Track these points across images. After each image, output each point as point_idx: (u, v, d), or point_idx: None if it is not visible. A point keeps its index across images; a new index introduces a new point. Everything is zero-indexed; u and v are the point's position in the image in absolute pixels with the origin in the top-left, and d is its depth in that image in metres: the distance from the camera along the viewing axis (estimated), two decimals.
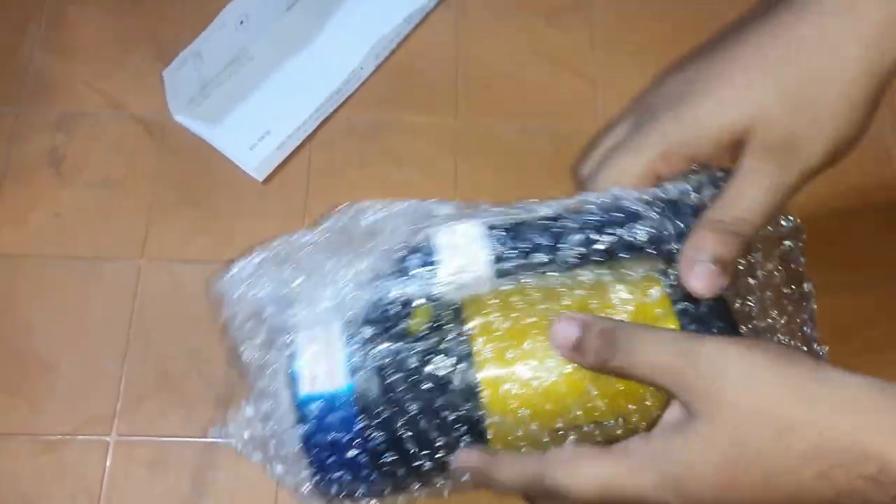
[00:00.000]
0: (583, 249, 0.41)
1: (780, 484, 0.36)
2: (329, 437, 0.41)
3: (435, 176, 0.62)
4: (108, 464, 0.53)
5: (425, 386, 0.41)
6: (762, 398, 0.37)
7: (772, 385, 0.37)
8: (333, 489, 0.42)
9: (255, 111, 0.62)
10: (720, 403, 0.37)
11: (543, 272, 0.41)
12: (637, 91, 0.65)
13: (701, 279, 0.41)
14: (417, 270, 0.41)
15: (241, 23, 0.61)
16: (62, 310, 0.57)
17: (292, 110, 0.62)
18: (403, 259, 0.42)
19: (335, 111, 0.63)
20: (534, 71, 0.66)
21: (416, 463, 0.41)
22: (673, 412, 0.39)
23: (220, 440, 0.53)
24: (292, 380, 0.42)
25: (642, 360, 0.39)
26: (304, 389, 0.41)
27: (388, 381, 0.40)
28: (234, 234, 0.59)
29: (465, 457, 0.42)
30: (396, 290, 0.41)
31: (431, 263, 0.41)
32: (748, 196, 0.42)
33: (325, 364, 0.41)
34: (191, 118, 0.62)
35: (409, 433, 0.41)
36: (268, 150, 0.61)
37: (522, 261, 0.41)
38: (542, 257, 0.41)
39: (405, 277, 0.41)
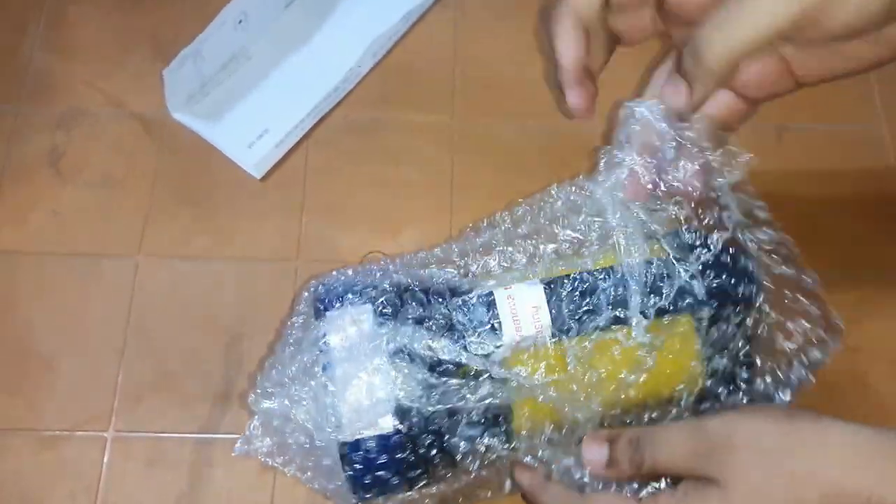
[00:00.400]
0: (620, 311, 0.45)
1: None
2: (373, 473, 0.44)
3: (432, 175, 0.62)
4: (106, 460, 0.53)
5: (464, 424, 0.44)
6: (770, 455, 0.39)
7: (778, 442, 0.39)
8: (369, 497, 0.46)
9: (253, 109, 0.63)
10: (733, 465, 0.40)
11: (587, 329, 0.45)
12: (634, 89, 0.65)
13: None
14: (479, 336, 0.45)
15: (240, 22, 0.61)
16: (61, 307, 0.57)
17: (290, 108, 0.62)
18: (460, 310, 0.45)
19: (333, 109, 0.63)
20: (532, 70, 0.66)
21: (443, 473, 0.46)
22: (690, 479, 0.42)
23: (217, 436, 0.53)
24: (337, 420, 0.44)
25: (667, 456, 0.42)
26: (347, 435, 0.44)
27: (431, 425, 0.44)
28: (232, 232, 0.60)
29: (521, 475, 0.47)
30: (452, 349, 0.44)
31: (492, 327, 0.45)
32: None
33: (371, 404, 0.44)
34: (189, 116, 0.62)
35: (442, 459, 0.45)
36: (266, 148, 0.61)
37: (572, 324, 0.45)
38: (587, 319, 0.45)
39: (464, 339, 0.44)
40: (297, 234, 0.60)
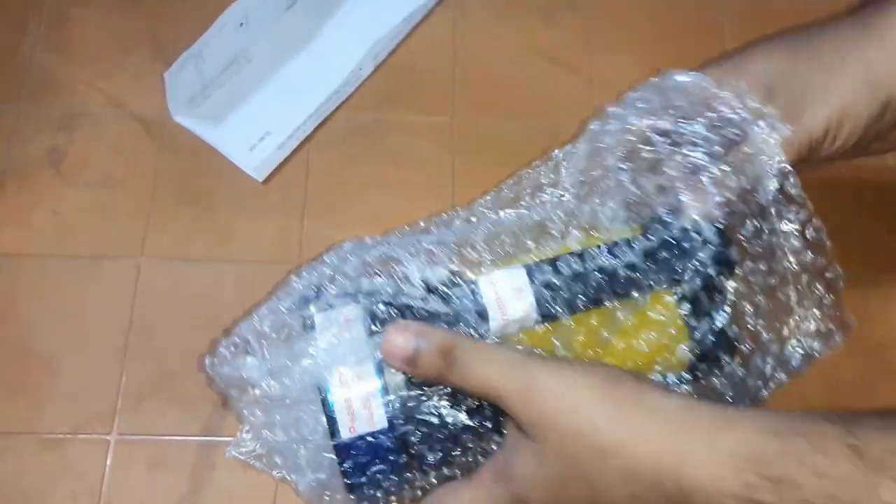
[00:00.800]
0: (605, 289, 0.45)
1: (604, 500, 0.39)
2: (367, 470, 0.43)
3: (434, 175, 0.62)
4: (108, 462, 0.53)
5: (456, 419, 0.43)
6: (583, 422, 0.39)
7: (593, 410, 0.39)
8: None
9: (254, 112, 0.63)
10: (547, 426, 0.40)
11: (573, 309, 0.45)
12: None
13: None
14: (467, 325, 0.44)
15: (242, 24, 0.61)
16: (62, 309, 0.57)
17: (292, 111, 0.62)
18: (445, 303, 0.45)
19: (334, 111, 0.64)
20: (532, 70, 0.66)
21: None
22: (511, 431, 0.42)
23: (219, 439, 0.54)
24: (329, 419, 0.43)
25: (477, 380, 0.41)
26: (344, 432, 0.43)
27: (423, 418, 0.43)
28: (233, 234, 0.60)
29: None
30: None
31: (480, 315, 0.44)
32: None
33: (363, 403, 0.43)
34: (191, 118, 0.62)
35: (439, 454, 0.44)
36: (268, 150, 0.61)
37: (557, 306, 0.44)
38: (572, 299, 0.44)
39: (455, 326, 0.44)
40: (298, 235, 0.60)
